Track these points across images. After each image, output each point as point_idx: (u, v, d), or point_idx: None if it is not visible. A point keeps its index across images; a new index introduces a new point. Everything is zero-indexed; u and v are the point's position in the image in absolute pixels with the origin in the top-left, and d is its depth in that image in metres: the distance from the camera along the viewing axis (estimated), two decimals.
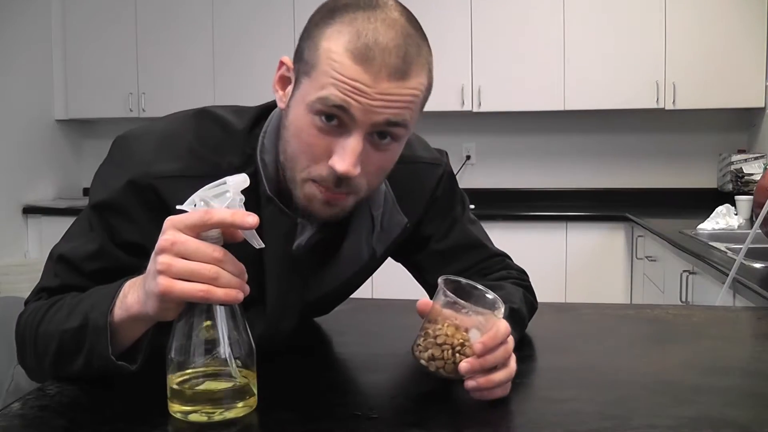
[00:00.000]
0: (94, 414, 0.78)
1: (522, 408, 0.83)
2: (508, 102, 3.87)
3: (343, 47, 0.79)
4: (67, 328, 0.81)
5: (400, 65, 0.79)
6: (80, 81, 4.34)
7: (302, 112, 0.82)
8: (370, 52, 0.78)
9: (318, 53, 0.80)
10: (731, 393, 0.84)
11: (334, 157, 0.80)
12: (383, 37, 0.79)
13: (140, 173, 0.86)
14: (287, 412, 0.78)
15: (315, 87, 0.80)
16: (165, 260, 0.69)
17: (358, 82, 0.78)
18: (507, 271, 1.10)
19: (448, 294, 0.79)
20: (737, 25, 3.63)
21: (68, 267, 0.89)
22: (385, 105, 0.79)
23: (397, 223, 1.00)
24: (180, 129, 0.91)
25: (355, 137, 0.80)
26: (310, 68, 0.81)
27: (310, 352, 1.05)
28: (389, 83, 0.79)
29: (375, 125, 0.80)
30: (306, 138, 0.82)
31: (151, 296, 0.71)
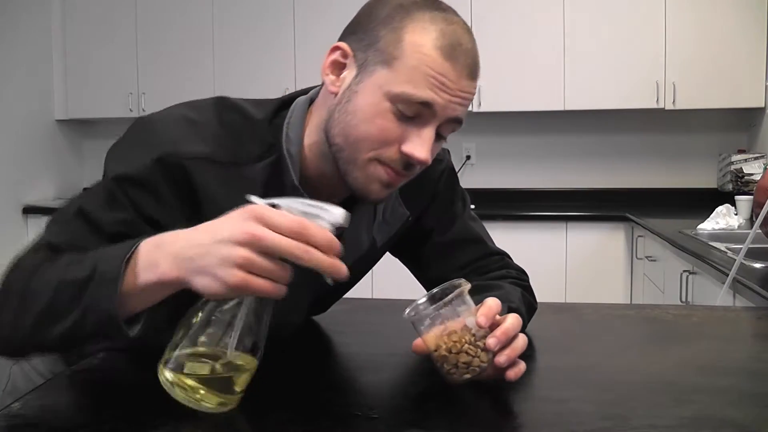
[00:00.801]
0: (94, 414, 0.78)
1: (522, 408, 0.83)
2: (508, 102, 3.87)
3: (432, 43, 0.83)
4: (68, 279, 0.74)
5: (474, 66, 0.86)
6: (80, 81, 4.34)
7: (378, 98, 0.84)
8: (455, 51, 0.83)
9: (402, 46, 0.83)
10: (731, 393, 0.84)
11: (409, 144, 0.84)
12: (463, 39, 0.85)
13: (169, 152, 0.84)
14: (287, 411, 0.78)
15: (399, 79, 0.83)
16: (247, 255, 0.66)
17: (446, 78, 0.83)
18: (506, 270, 1.10)
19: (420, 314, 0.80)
20: (737, 25, 3.63)
21: (87, 224, 0.84)
22: (460, 102, 0.85)
23: (399, 216, 1.02)
24: (203, 115, 0.91)
25: (431, 128, 0.85)
26: (390, 58, 0.83)
27: (310, 352, 1.05)
28: (467, 81, 0.85)
29: (448, 120, 0.86)
30: (381, 123, 0.84)
31: (213, 278, 0.68)
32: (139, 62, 4.25)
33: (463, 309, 0.80)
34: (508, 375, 0.80)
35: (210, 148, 0.86)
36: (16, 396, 0.82)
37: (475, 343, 0.79)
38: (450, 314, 0.79)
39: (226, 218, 0.70)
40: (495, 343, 0.78)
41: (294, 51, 3.98)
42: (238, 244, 0.67)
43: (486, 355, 0.79)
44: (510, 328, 0.80)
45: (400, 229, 1.04)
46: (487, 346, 0.78)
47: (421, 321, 0.80)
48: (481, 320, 0.79)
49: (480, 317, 0.79)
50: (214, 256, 0.68)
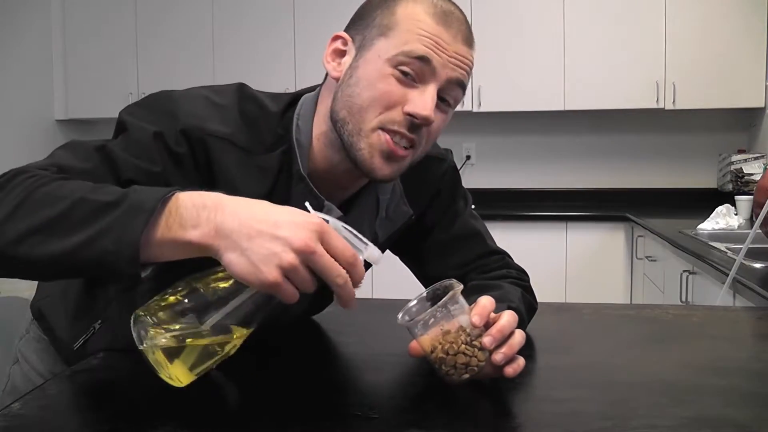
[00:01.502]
0: (94, 414, 0.78)
1: (522, 408, 0.83)
2: (508, 102, 3.88)
3: (423, 10, 0.87)
4: (89, 197, 0.69)
5: (468, 35, 0.90)
6: (80, 81, 4.34)
7: (379, 65, 0.86)
8: (447, 18, 0.88)
9: (396, 17, 0.87)
10: (731, 393, 0.84)
11: (412, 102, 0.86)
12: (455, 9, 0.89)
13: (193, 125, 0.86)
14: (287, 411, 0.78)
15: (397, 43, 0.86)
16: (295, 262, 0.65)
17: (440, 38, 0.86)
18: (507, 270, 1.10)
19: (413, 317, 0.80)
20: (737, 25, 3.63)
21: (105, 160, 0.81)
22: (458, 64, 0.88)
23: (402, 214, 1.03)
24: (225, 99, 0.93)
25: (432, 87, 0.87)
26: (387, 30, 0.87)
27: (310, 352, 1.05)
28: (463, 46, 0.88)
29: (449, 80, 0.87)
30: (383, 87, 0.86)
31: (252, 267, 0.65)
32: (139, 62, 4.25)
33: (456, 309, 0.80)
34: (507, 371, 0.80)
35: (231, 129, 0.88)
36: (15, 396, 0.82)
37: (471, 342, 0.79)
38: (444, 316, 0.79)
39: (289, 214, 0.68)
40: (490, 341, 0.78)
41: (294, 51, 3.98)
42: (292, 248, 0.66)
43: (483, 354, 0.79)
44: (506, 326, 0.80)
45: (402, 226, 1.04)
46: (483, 344, 0.78)
47: (415, 324, 0.80)
48: (475, 320, 0.79)
49: (474, 317, 0.79)
50: (265, 247, 0.66)
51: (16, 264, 0.70)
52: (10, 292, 0.94)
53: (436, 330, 0.79)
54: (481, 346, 0.79)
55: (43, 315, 1.08)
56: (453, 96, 0.90)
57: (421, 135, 0.88)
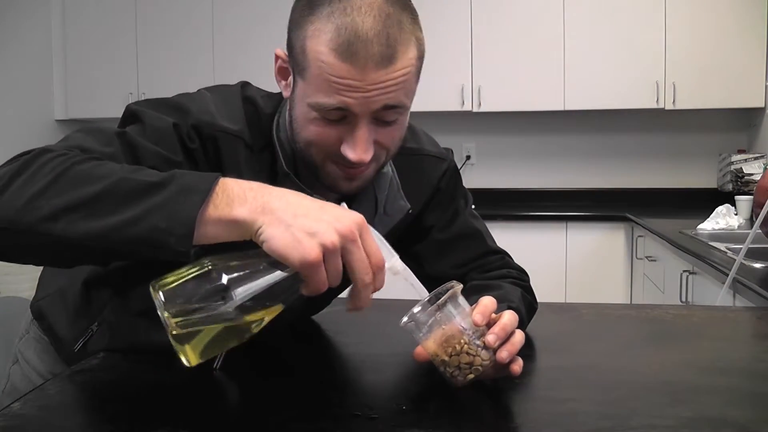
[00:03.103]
0: (94, 414, 0.78)
1: (522, 408, 0.83)
2: (508, 102, 3.88)
3: (326, 46, 0.80)
4: (134, 177, 0.69)
5: (385, 51, 0.80)
6: (80, 81, 4.34)
7: (305, 109, 0.85)
8: (352, 47, 0.79)
9: (306, 55, 0.83)
10: (731, 393, 0.84)
11: (344, 146, 0.84)
12: (362, 27, 0.79)
13: (203, 121, 0.88)
14: (287, 411, 0.78)
15: (311, 89, 0.83)
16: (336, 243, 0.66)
17: (348, 78, 0.80)
18: (507, 270, 1.10)
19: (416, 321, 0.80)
20: (737, 25, 3.63)
21: (127, 146, 0.82)
22: (379, 92, 0.81)
23: (399, 208, 1.03)
24: (231, 98, 0.95)
25: (360, 127, 0.83)
26: (302, 70, 0.84)
27: (310, 352, 1.05)
28: (377, 72, 0.80)
29: (375, 112, 0.83)
30: (315, 131, 0.86)
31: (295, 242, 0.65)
32: (139, 62, 4.25)
33: (458, 311, 0.80)
34: (513, 369, 0.80)
35: (238, 126, 0.91)
36: (15, 396, 0.82)
37: (473, 342, 0.79)
38: (445, 318, 0.79)
39: (333, 206, 0.70)
40: (494, 339, 0.78)
41: None
42: (336, 230, 0.67)
43: (486, 353, 0.79)
44: (508, 324, 0.80)
45: (401, 222, 1.04)
46: (487, 343, 0.78)
47: (418, 328, 0.80)
48: (477, 318, 0.79)
49: (476, 316, 0.79)
50: (309, 225, 0.66)
51: (47, 242, 0.68)
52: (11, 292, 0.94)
53: (438, 332, 0.79)
54: (485, 345, 0.79)
55: (43, 315, 1.08)
56: (392, 116, 0.85)
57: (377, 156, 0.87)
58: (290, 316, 1.00)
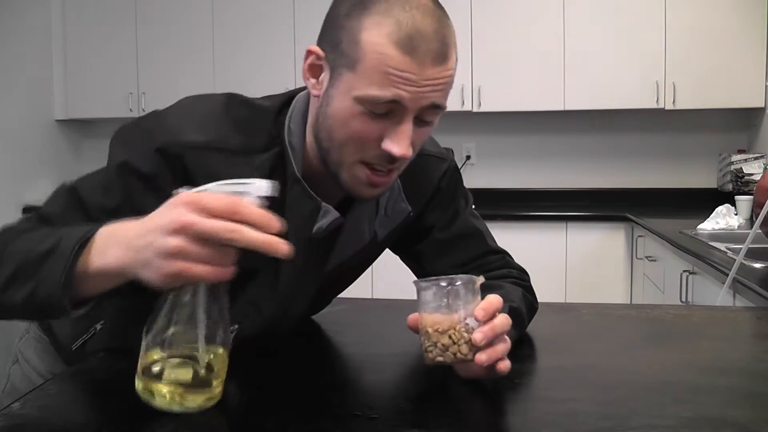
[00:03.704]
0: (94, 414, 0.78)
1: (522, 408, 0.83)
2: (508, 102, 3.88)
3: (387, 38, 0.81)
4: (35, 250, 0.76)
5: (441, 49, 0.83)
6: (80, 81, 4.34)
7: (349, 103, 0.84)
8: (413, 42, 0.81)
9: (360, 47, 0.82)
10: (731, 393, 0.84)
11: (388, 141, 0.84)
12: (422, 24, 0.81)
13: (169, 141, 0.86)
14: (287, 411, 0.78)
15: (363, 82, 0.82)
16: (179, 243, 0.66)
17: (407, 72, 0.81)
18: (507, 270, 1.10)
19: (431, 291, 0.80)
20: (737, 25, 3.63)
21: (76, 203, 0.86)
22: (430, 90, 0.83)
23: (401, 210, 1.02)
24: (210, 105, 0.93)
25: (407, 122, 0.84)
26: (352, 62, 0.83)
27: (310, 352, 1.05)
28: (433, 69, 0.82)
29: (422, 109, 0.84)
30: (357, 126, 0.84)
31: (155, 270, 0.68)
32: (139, 62, 4.25)
33: (468, 297, 0.80)
34: (499, 367, 0.80)
35: (211, 136, 0.87)
36: (15, 396, 0.82)
37: (462, 333, 0.79)
38: (455, 298, 0.80)
39: (161, 208, 0.70)
40: (481, 338, 0.78)
41: (294, 51, 3.98)
42: (169, 233, 0.67)
43: (467, 347, 0.79)
44: (498, 326, 0.80)
45: (401, 224, 1.04)
46: (474, 340, 0.78)
47: (427, 300, 0.80)
48: (479, 313, 0.79)
49: (479, 310, 0.79)
50: (150, 247, 0.68)
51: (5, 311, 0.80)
52: None
53: (439, 310, 0.80)
54: (470, 340, 0.78)
55: None
56: (432, 115, 0.87)
57: (404, 160, 0.88)
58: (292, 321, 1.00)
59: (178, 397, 0.73)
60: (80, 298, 0.75)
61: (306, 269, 0.96)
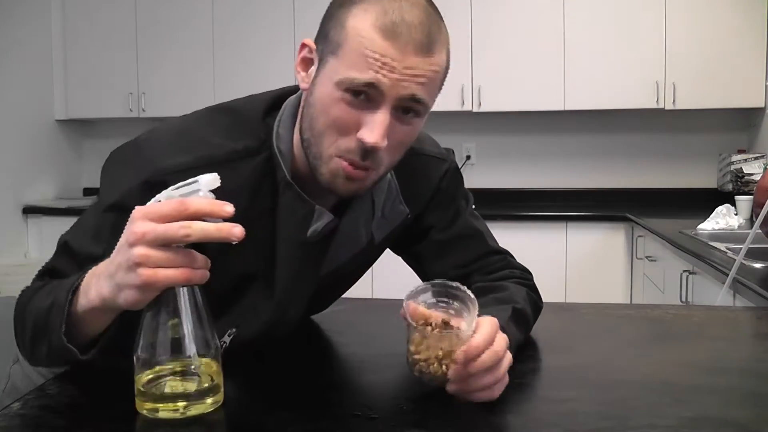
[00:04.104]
0: (94, 414, 0.78)
1: (522, 408, 0.83)
2: (508, 102, 3.87)
3: (370, 24, 0.81)
4: (42, 307, 0.81)
5: (425, 41, 0.82)
6: (80, 81, 4.34)
7: (330, 88, 0.84)
8: (397, 28, 0.81)
9: (345, 32, 0.83)
10: (731, 393, 0.84)
11: (362, 130, 0.83)
12: (408, 15, 0.82)
13: (152, 171, 0.85)
14: (287, 411, 0.78)
15: (344, 65, 0.82)
16: (141, 251, 0.68)
17: (387, 56, 0.81)
18: (510, 270, 1.10)
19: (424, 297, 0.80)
20: (737, 25, 3.63)
21: (68, 256, 0.89)
22: (411, 80, 0.82)
23: (398, 213, 1.02)
24: (190, 123, 0.92)
25: (383, 111, 0.83)
26: (336, 47, 0.83)
27: (310, 352, 1.05)
28: (415, 58, 0.82)
29: (401, 99, 0.83)
30: (335, 112, 0.84)
31: (128, 288, 0.70)
32: (139, 62, 4.25)
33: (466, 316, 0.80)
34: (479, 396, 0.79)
35: (195, 154, 0.86)
36: (15, 396, 0.82)
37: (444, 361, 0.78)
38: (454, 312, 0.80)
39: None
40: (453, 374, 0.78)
41: (294, 51, 3.97)
42: (129, 247, 0.69)
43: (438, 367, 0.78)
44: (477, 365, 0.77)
45: (399, 226, 1.04)
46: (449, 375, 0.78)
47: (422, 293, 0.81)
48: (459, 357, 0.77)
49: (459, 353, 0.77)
50: (118, 268, 0.71)
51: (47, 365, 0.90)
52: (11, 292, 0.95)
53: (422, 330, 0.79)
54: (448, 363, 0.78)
55: None
56: (416, 108, 0.85)
57: (379, 157, 0.86)
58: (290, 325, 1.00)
59: (183, 409, 0.73)
60: (87, 341, 0.79)
61: (302, 273, 0.95)
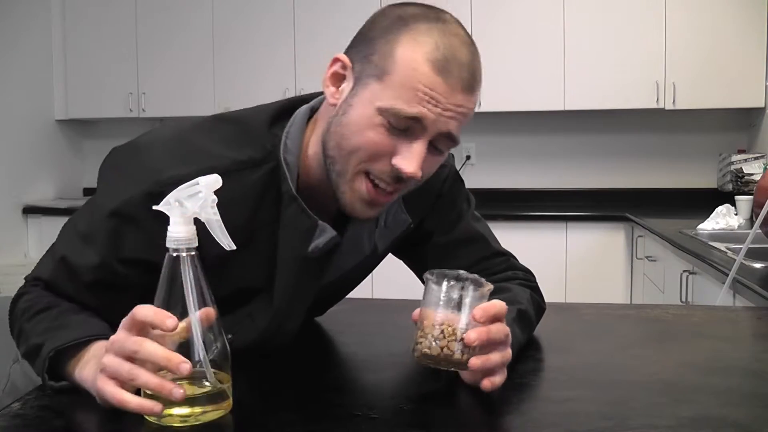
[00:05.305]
0: (94, 414, 0.78)
1: (522, 408, 0.83)
2: (508, 102, 3.87)
3: (424, 57, 0.82)
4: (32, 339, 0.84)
5: (471, 81, 0.84)
6: (80, 81, 4.34)
7: (370, 112, 0.83)
8: (448, 64, 0.82)
9: (394, 59, 0.83)
10: (731, 393, 0.84)
11: (399, 158, 0.84)
12: (459, 52, 0.83)
13: (153, 182, 0.84)
14: (287, 412, 0.78)
15: (390, 93, 0.82)
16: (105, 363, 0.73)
17: (436, 92, 0.82)
18: (513, 272, 1.09)
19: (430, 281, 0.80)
20: (737, 25, 3.63)
21: (67, 272, 0.88)
22: (452, 116, 0.83)
23: (401, 222, 1.01)
24: (192, 132, 0.91)
25: (421, 142, 0.84)
26: (382, 72, 0.83)
27: (310, 352, 1.05)
28: (461, 96, 0.83)
29: (440, 134, 0.84)
30: (371, 137, 0.84)
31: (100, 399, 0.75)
32: (139, 62, 4.25)
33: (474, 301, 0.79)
34: (483, 384, 0.79)
35: (197, 165, 0.84)
36: (15, 396, 0.82)
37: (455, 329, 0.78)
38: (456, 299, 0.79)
39: None
40: (474, 338, 0.77)
41: (294, 51, 3.98)
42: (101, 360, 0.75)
43: (458, 346, 0.78)
44: (494, 332, 0.78)
45: (401, 234, 1.03)
46: (466, 339, 0.77)
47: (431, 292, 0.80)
48: (477, 313, 0.78)
49: (477, 309, 0.78)
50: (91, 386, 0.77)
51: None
52: (11, 292, 0.95)
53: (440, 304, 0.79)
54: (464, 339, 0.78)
55: None
56: (444, 145, 0.87)
57: (407, 185, 0.87)
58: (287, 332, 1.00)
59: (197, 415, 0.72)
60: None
61: (301, 286, 0.94)
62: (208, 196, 0.71)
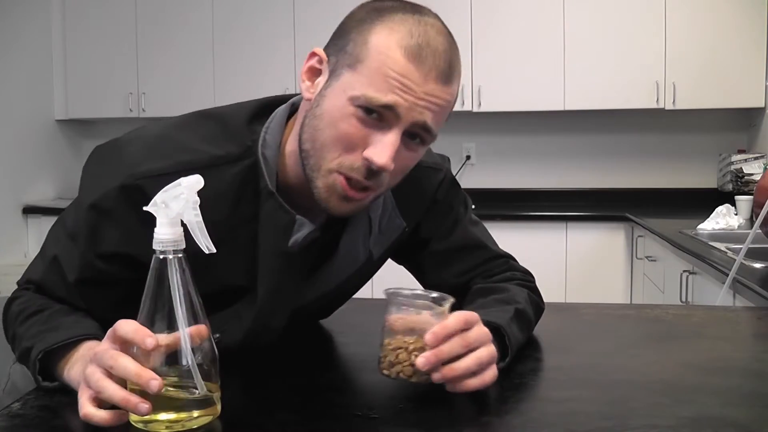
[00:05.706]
0: None
1: (522, 408, 0.83)
2: (508, 102, 3.88)
3: (396, 43, 0.80)
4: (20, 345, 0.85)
5: (447, 69, 0.82)
6: (80, 81, 4.34)
7: (342, 102, 0.82)
8: (422, 51, 0.80)
9: (367, 47, 0.81)
10: (731, 393, 0.84)
11: (371, 149, 0.81)
12: (434, 41, 0.82)
13: (129, 175, 0.84)
14: (287, 412, 0.78)
15: (362, 81, 0.81)
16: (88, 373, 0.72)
17: (408, 79, 0.80)
18: (511, 273, 1.08)
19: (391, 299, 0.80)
20: (737, 25, 3.63)
21: (58, 272, 0.89)
22: (426, 105, 0.81)
23: (395, 227, 1.00)
24: (172, 128, 0.91)
25: (394, 133, 0.81)
26: (355, 61, 0.82)
27: (310, 352, 1.05)
28: (435, 85, 0.81)
29: (414, 124, 0.82)
30: (344, 128, 0.82)
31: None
32: (139, 62, 4.25)
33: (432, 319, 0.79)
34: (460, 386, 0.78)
35: (173, 160, 0.84)
36: (15, 396, 0.82)
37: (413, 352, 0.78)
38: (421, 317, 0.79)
39: None
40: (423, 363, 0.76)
41: (294, 51, 3.98)
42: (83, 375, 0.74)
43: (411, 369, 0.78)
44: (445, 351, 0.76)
45: (396, 240, 1.02)
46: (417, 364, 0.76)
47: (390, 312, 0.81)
48: (427, 338, 0.76)
49: (428, 334, 0.76)
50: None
51: None
52: (11, 292, 0.95)
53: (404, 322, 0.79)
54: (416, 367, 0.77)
55: None
56: (423, 136, 0.84)
57: (381, 178, 0.84)
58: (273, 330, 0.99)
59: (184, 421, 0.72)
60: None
61: (284, 283, 0.93)
62: (190, 197, 0.71)
